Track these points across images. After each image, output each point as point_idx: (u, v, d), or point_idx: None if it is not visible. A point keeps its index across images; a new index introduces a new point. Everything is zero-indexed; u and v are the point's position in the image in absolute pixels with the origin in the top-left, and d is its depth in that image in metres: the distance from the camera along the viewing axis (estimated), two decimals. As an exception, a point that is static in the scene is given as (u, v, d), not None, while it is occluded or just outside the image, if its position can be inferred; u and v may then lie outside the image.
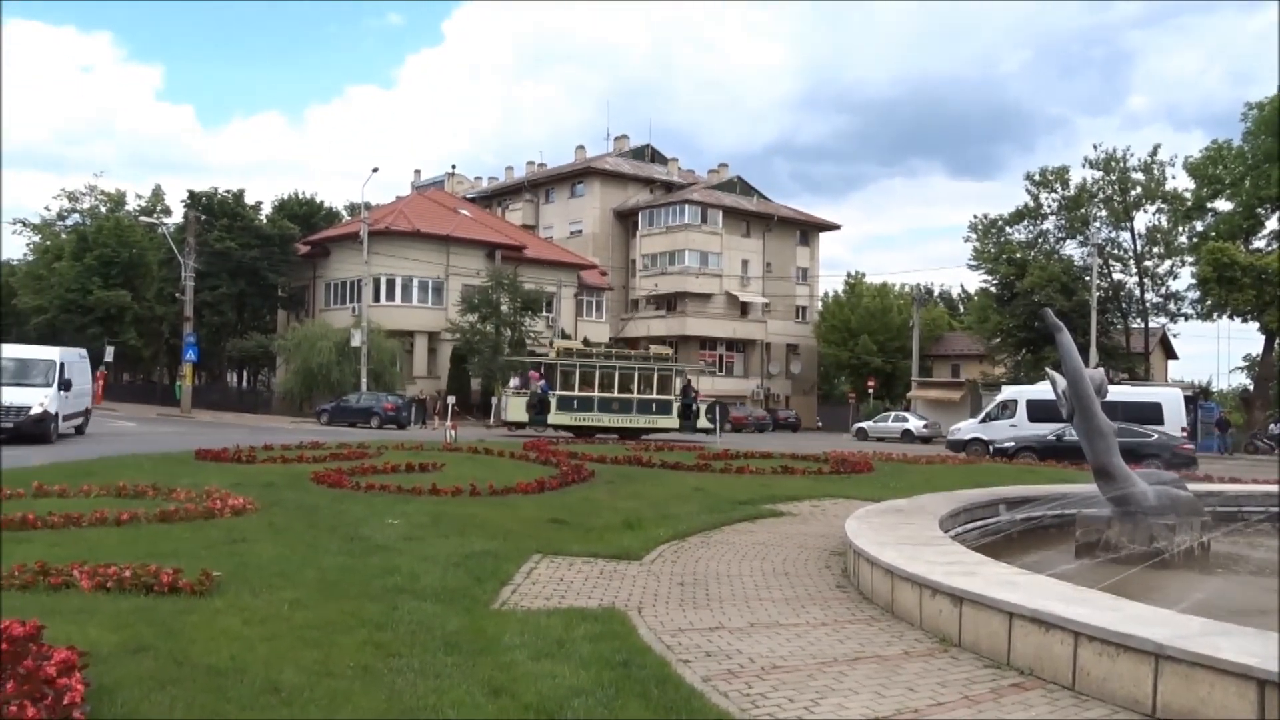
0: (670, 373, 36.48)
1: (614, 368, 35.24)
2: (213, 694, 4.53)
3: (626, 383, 35.17)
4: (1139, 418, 27.75)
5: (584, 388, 34.31)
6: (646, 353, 38.56)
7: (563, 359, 34.68)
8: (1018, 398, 30.19)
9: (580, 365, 34.58)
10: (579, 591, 7.45)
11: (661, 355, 38.31)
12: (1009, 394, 31.45)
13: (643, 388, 35.50)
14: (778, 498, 13.78)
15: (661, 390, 35.78)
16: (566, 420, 33.78)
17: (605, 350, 38.30)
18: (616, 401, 34.71)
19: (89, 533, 8.88)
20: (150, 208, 64.52)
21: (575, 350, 36.61)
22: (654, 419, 35.08)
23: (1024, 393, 30.66)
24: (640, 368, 35.70)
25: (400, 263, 47.69)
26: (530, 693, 4.78)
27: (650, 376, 35.70)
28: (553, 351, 36.09)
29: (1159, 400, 28.56)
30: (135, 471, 13.66)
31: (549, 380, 34.08)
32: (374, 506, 11.17)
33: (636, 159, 70.35)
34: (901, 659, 5.74)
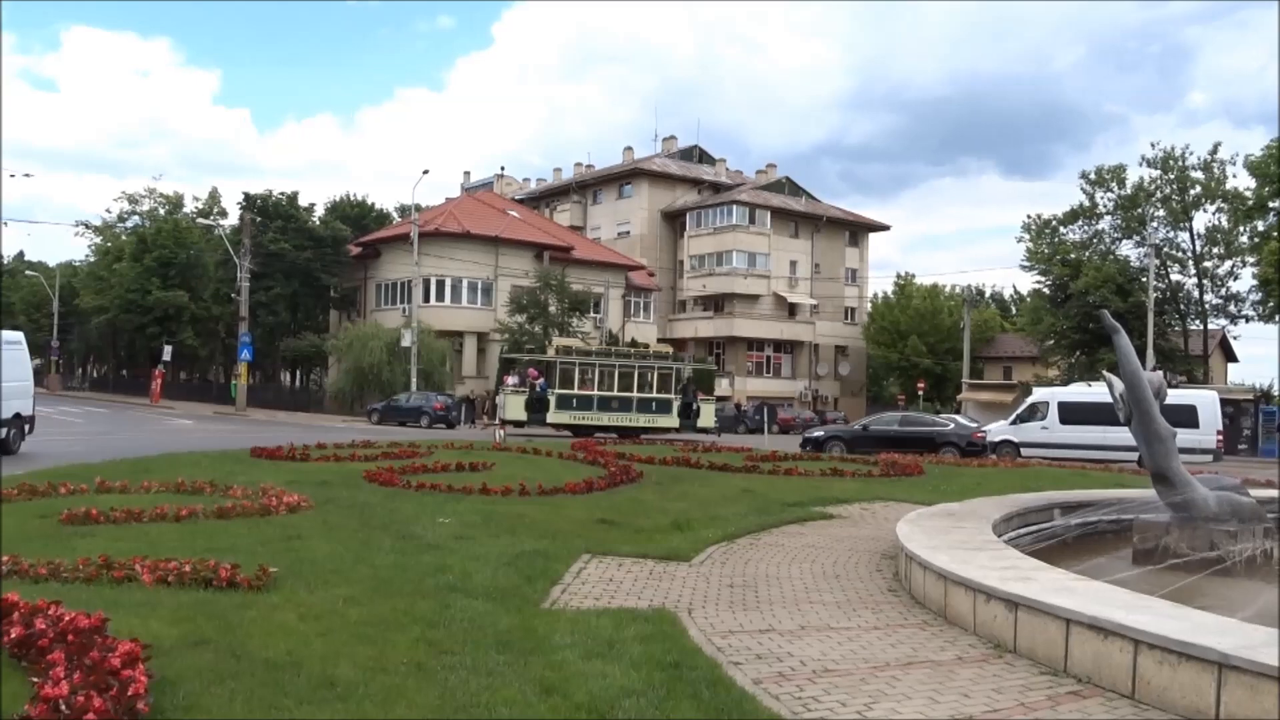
0: (670, 371, 36.16)
1: (613, 366, 34.87)
2: (271, 688, 4.61)
3: (626, 381, 34.79)
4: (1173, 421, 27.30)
5: (583, 386, 33.97)
6: (646, 350, 38.11)
7: (561, 357, 34.36)
8: (1049, 400, 29.70)
9: (579, 363, 34.27)
10: (628, 592, 7.46)
11: (661, 353, 37.88)
12: (1040, 396, 30.85)
13: (642, 386, 35.12)
14: (827, 500, 13.68)
15: (662, 389, 35.43)
16: (566, 419, 33.47)
17: (605, 348, 37.93)
18: (616, 400, 34.37)
19: (150, 528, 9.08)
20: (207, 210, 65.77)
21: (574, 348, 36.20)
22: (654, 418, 34.68)
23: (1055, 394, 30.26)
24: (640, 366, 35.31)
25: (450, 264, 48.11)
26: (581, 692, 4.79)
27: (650, 375, 35.35)
28: (551, 350, 35.77)
29: (1194, 403, 27.93)
30: (194, 468, 13.92)
31: (548, 379, 33.71)
32: (425, 505, 11.27)
33: (684, 160, 70.28)
34: (955, 664, 5.67)
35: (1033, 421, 29.13)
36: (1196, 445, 27.77)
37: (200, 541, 8.31)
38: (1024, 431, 28.99)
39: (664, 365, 36.11)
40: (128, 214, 69.58)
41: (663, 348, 40.20)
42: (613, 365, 34.91)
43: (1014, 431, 29.36)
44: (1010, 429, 29.75)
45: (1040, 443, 28.17)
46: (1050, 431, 28.33)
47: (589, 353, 35.88)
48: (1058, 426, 28.30)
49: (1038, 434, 28.48)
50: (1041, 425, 28.77)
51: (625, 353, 37.00)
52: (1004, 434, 29.67)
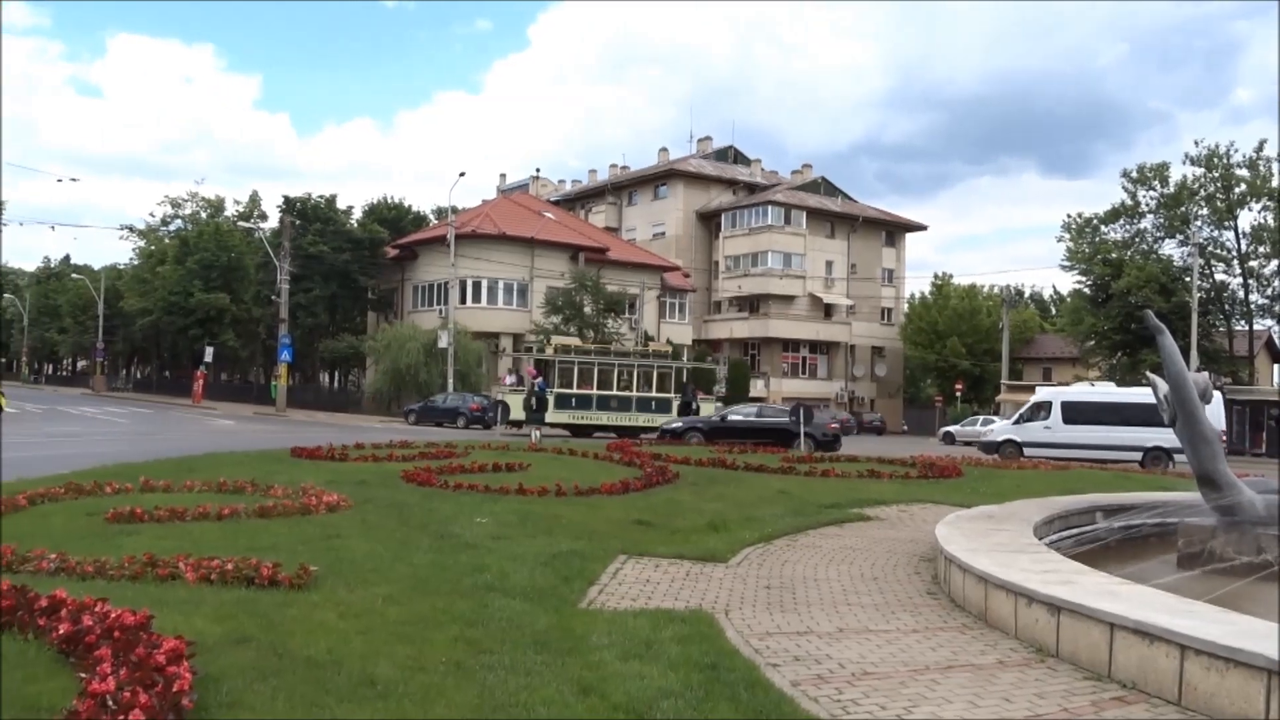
0: (670, 370, 35.89)
1: (613, 365, 34.69)
2: (312, 685, 4.65)
3: (625, 380, 34.60)
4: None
5: (582, 385, 33.82)
6: (645, 349, 37.85)
7: (560, 356, 34.16)
8: (1053, 399, 29.77)
9: (579, 362, 34.08)
10: (665, 593, 7.45)
11: (661, 352, 37.62)
12: (1043, 395, 30.94)
13: (642, 385, 34.90)
14: (864, 502, 13.58)
15: (661, 388, 35.20)
16: (565, 418, 33.27)
17: (603, 347, 37.72)
18: (615, 399, 34.22)
19: (193, 526, 9.20)
20: (247, 213, 66.64)
21: (573, 347, 36.00)
22: (653, 417, 34.30)
23: (1059, 394, 30.35)
24: (640, 364, 35.11)
25: (486, 265, 48.36)
26: (619, 693, 4.79)
27: (650, 373, 35.10)
28: (550, 348, 35.57)
29: None
30: (235, 468, 14.10)
31: (547, 377, 33.38)
32: (462, 505, 11.33)
33: (719, 160, 70.15)
34: (996, 668, 5.61)
35: (1036, 421, 29.14)
36: None
37: (242, 540, 8.42)
38: (1027, 431, 29.02)
39: (663, 364, 35.88)
40: (171, 218, 70.81)
41: (662, 346, 39.85)
42: (612, 364, 34.73)
43: (1017, 431, 29.38)
44: (1013, 429, 29.78)
45: (1043, 442, 28.16)
46: (1053, 431, 28.39)
47: (588, 351, 35.67)
48: (1061, 426, 28.35)
49: (1041, 434, 28.52)
50: (1045, 425, 28.80)
51: (624, 351, 36.85)
52: (1007, 433, 29.73)
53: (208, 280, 57.85)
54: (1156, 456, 27.01)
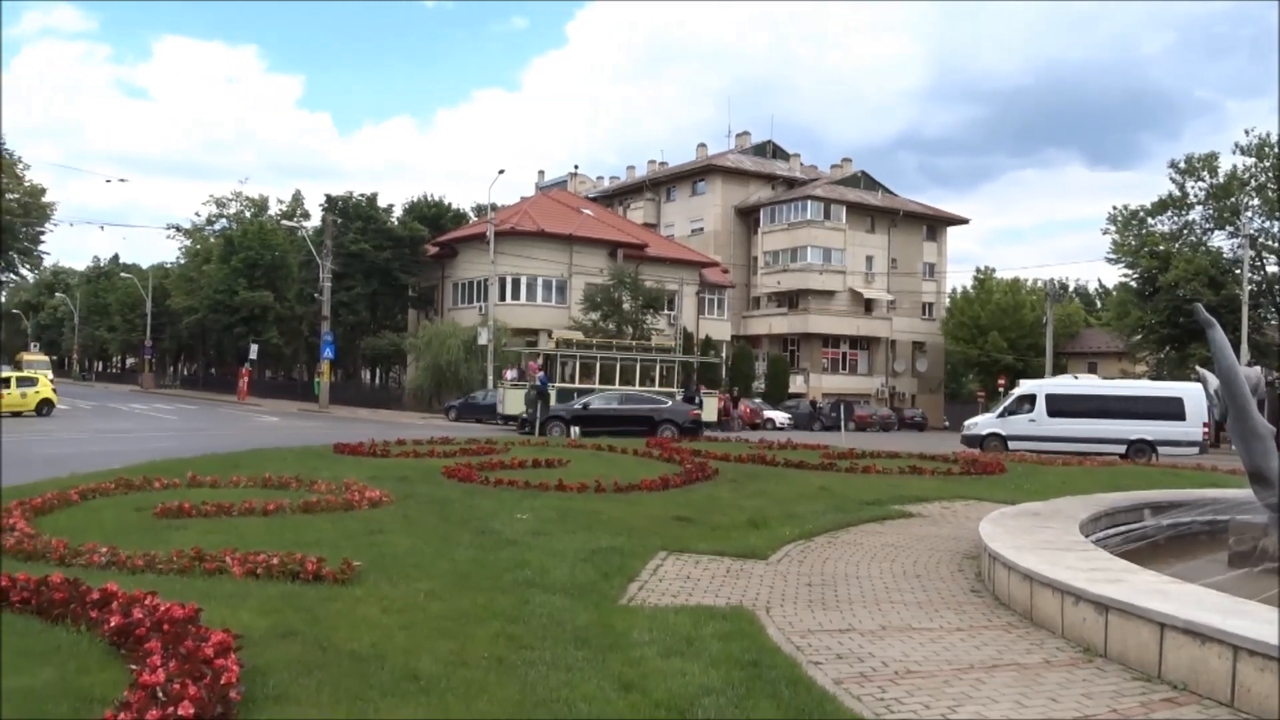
0: (673, 364, 35.52)
1: (615, 359, 34.42)
2: (356, 679, 4.70)
3: (628, 375, 34.31)
4: (1160, 413, 27.79)
5: (584, 380, 33.57)
6: (649, 343, 37.50)
7: (562, 350, 33.91)
8: (1037, 391, 29.60)
9: (581, 357, 33.84)
10: (706, 589, 7.44)
11: (664, 346, 37.26)
12: (1028, 388, 30.65)
13: (645, 380, 34.59)
14: (906, 498, 13.47)
15: (665, 383, 34.88)
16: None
17: (606, 341, 37.39)
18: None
19: (239, 521, 9.34)
20: (290, 212, 67.48)
21: (575, 341, 35.73)
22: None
23: (1043, 386, 30.28)
24: (643, 359, 34.81)
25: (525, 262, 48.53)
26: (660, 689, 4.79)
27: (652, 368, 34.78)
28: (552, 342, 35.36)
29: (1180, 395, 28.39)
30: (280, 464, 14.28)
31: (549, 372, 33.19)
32: (503, 501, 11.40)
33: (758, 155, 69.83)
34: (1042, 668, 5.53)
35: (1021, 414, 28.95)
36: (1183, 437, 27.94)
37: (287, 535, 8.53)
38: (1012, 424, 28.84)
39: (666, 358, 35.60)
40: (216, 217, 71.96)
41: (665, 340, 39.51)
42: (614, 359, 34.50)
43: (1002, 424, 29.18)
44: (998, 421, 29.55)
45: (1028, 435, 28.01)
46: (1038, 424, 28.28)
47: (590, 346, 35.44)
48: (1045, 419, 28.23)
49: (1026, 426, 28.40)
50: (1029, 418, 28.66)
51: (627, 346, 36.47)
52: (992, 426, 29.48)
53: (252, 279, 58.64)
54: (1141, 449, 27.13)
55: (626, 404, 28.02)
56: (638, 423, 25.73)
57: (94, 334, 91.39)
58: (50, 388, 36.53)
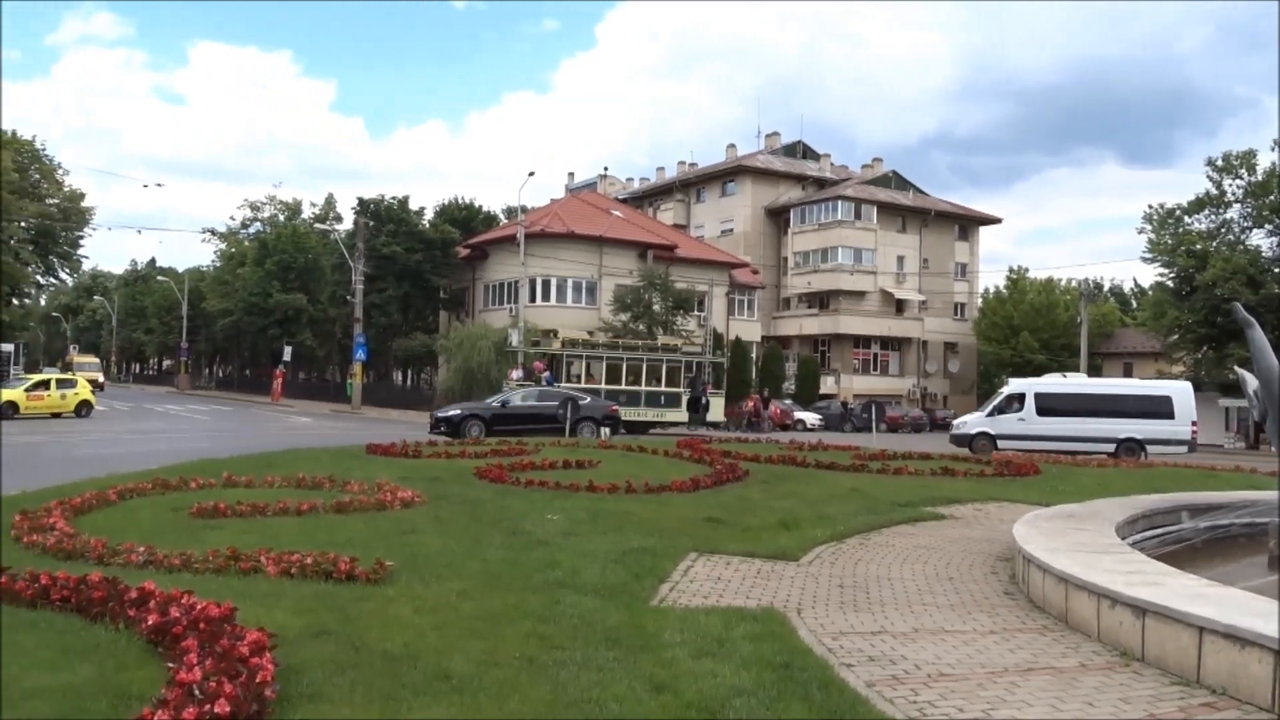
0: (679, 364, 35.25)
1: (621, 359, 34.17)
2: (389, 679, 4.74)
3: (634, 374, 34.06)
4: (1149, 412, 27.76)
5: (590, 380, 33.37)
6: (654, 343, 37.23)
7: (568, 350, 33.68)
8: (1026, 390, 29.44)
9: (586, 356, 33.65)
10: (736, 591, 7.42)
11: (670, 345, 37.00)
12: (1016, 386, 30.48)
13: (650, 380, 34.33)
14: (938, 500, 13.35)
15: (670, 382, 34.61)
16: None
17: (611, 340, 37.17)
18: (624, 394, 33.58)
19: (273, 521, 9.44)
20: (323, 215, 68.07)
21: (581, 341, 35.53)
22: (662, 412, 33.87)
23: (1032, 385, 30.12)
24: (649, 359, 34.54)
25: (555, 264, 48.65)
26: (691, 690, 4.79)
27: (659, 368, 34.53)
28: (557, 342, 35.10)
29: (1169, 394, 28.52)
30: (313, 464, 14.41)
31: (554, 372, 33.05)
32: (534, 502, 11.43)
33: (788, 156, 69.59)
34: (1078, 672, 5.47)
35: (1010, 413, 28.78)
36: (1172, 436, 27.82)
37: (320, 535, 8.61)
38: (1001, 423, 28.67)
39: (673, 358, 35.36)
40: (250, 220, 72.79)
41: (671, 339, 39.26)
42: (620, 358, 34.28)
43: (991, 423, 28.99)
44: (987, 420, 29.36)
45: (1017, 434, 27.80)
46: (1027, 423, 28.12)
47: (595, 345, 35.27)
48: (1034, 418, 28.09)
49: (1014, 425, 28.23)
50: (1018, 417, 28.48)
51: (633, 345, 36.23)
52: (981, 425, 29.24)
53: (286, 281, 59.25)
54: (1130, 448, 27.04)
55: (545, 400, 26.77)
56: (556, 420, 24.89)
57: (131, 336, 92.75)
58: (89, 389, 37.13)
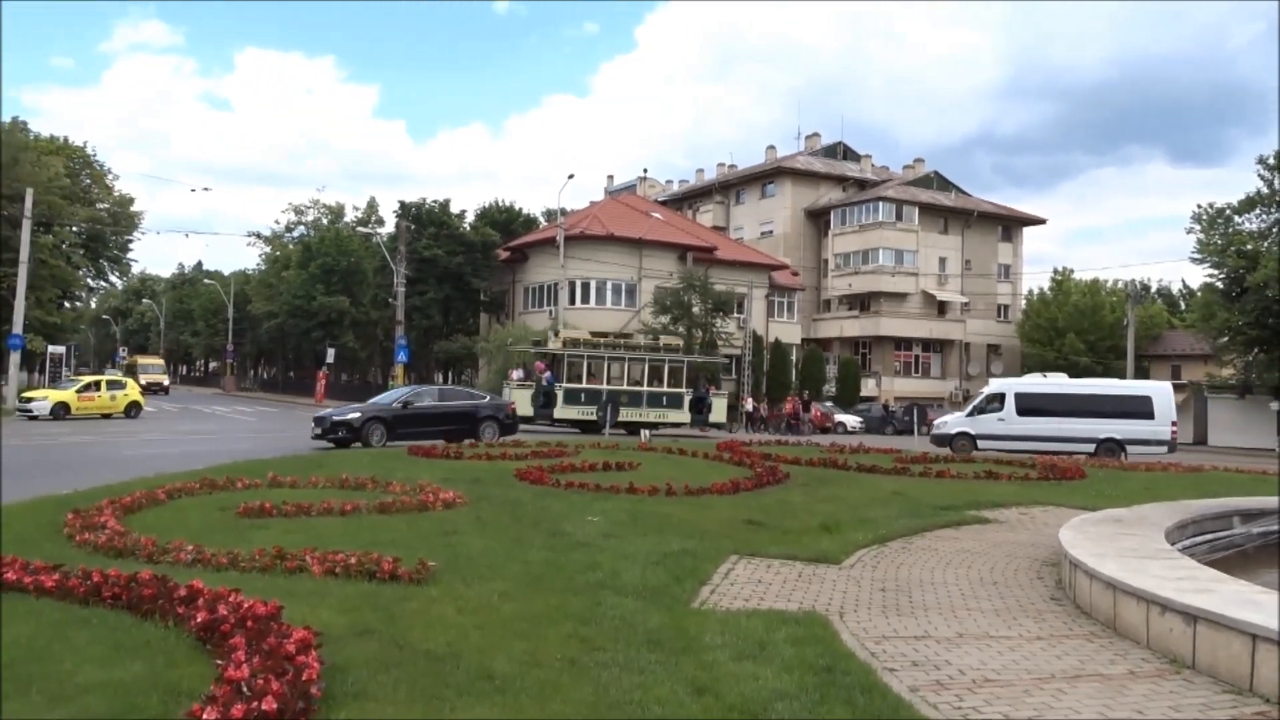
0: (681, 364, 34.94)
1: (623, 359, 33.90)
2: (432, 678, 4.77)
3: (636, 375, 33.77)
4: (1128, 412, 27.74)
5: (591, 380, 33.08)
6: (656, 343, 36.81)
7: (569, 350, 33.43)
8: (1006, 390, 29.40)
9: (588, 356, 33.36)
10: (778, 594, 7.39)
11: (672, 346, 36.62)
12: (997, 386, 30.51)
13: (653, 380, 34.01)
14: (982, 504, 13.22)
15: (673, 383, 34.31)
16: (574, 414, 32.43)
17: (614, 341, 36.78)
18: (626, 395, 33.27)
19: (317, 521, 9.56)
20: (366, 219, 68.79)
21: (583, 341, 35.18)
22: (665, 413, 33.48)
23: (1012, 385, 30.27)
24: (651, 359, 34.26)
25: (594, 266, 48.76)
26: (733, 693, 4.77)
27: (661, 368, 34.24)
28: (558, 342, 34.80)
29: (1149, 394, 28.56)
30: (356, 465, 14.58)
31: (555, 372, 32.75)
32: (574, 503, 11.47)
33: (828, 157, 69.19)
34: (1127, 679, 5.38)
35: (990, 413, 28.65)
36: (1152, 436, 27.65)
37: (364, 535, 8.70)
38: (981, 423, 28.55)
39: (675, 358, 35.07)
40: (294, 224, 73.73)
41: (672, 340, 38.93)
42: (622, 358, 34.03)
43: (971, 423, 28.86)
44: (968, 420, 29.22)
45: (998, 434, 27.72)
46: (1007, 423, 28.06)
47: (597, 345, 34.98)
48: (1015, 418, 28.03)
49: (995, 425, 28.16)
50: (999, 417, 28.38)
51: (635, 345, 35.89)
52: (961, 425, 29.10)
53: (329, 284, 59.92)
54: (1110, 448, 26.96)
55: (445, 400, 25.05)
56: (460, 420, 23.71)
57: (178, 338, 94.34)
58: (138, 391, 37.81)
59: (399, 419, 22.70)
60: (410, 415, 23.02)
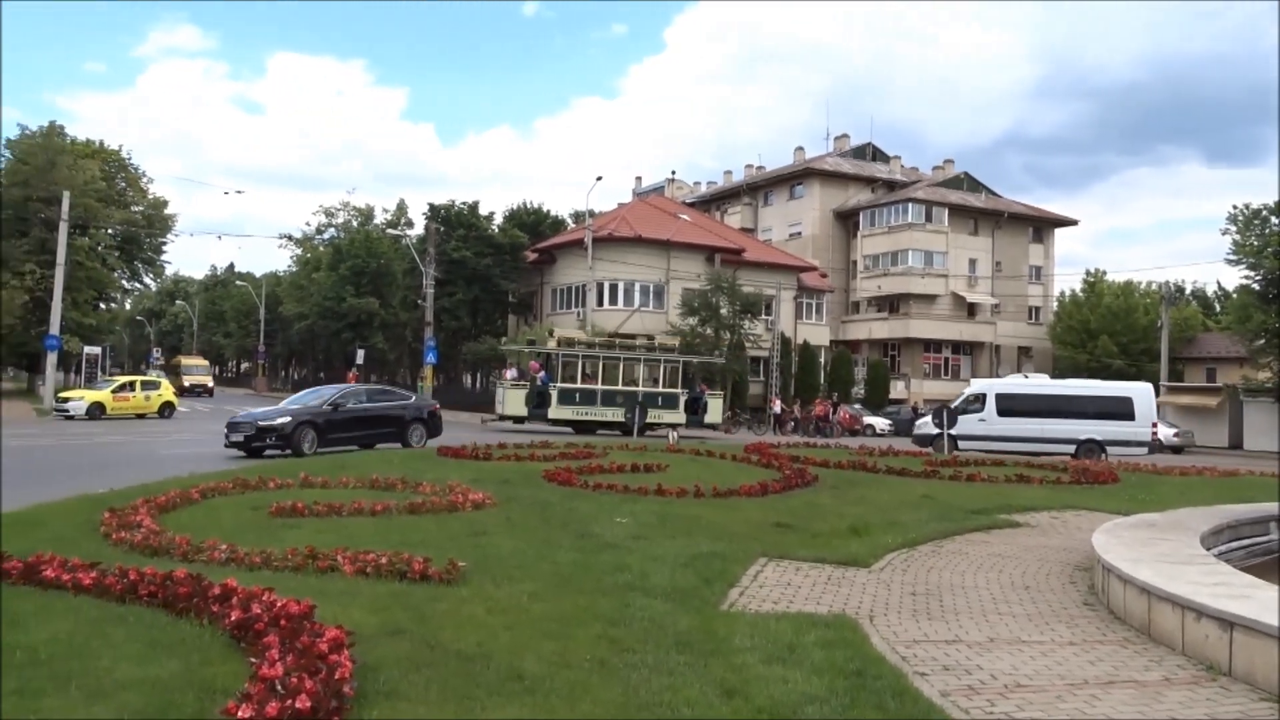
0: (677, 364, 34.71)
1: (618, 359, 33.71)
2: (463, 678, 4.80)
3: (631, 374, 33.59)
4: (1109, 413, 27.78)
5: (586, 380, 32.83)
6: (651, 343, 36.54)
7: (563, 349, 33.23)
8: (987, 391, 29.54)
9: (583, 356, 33.17)
10: (807, 597, 7.36)
11: (667, 345, 36.36)
12: (977, 387, 30.78)
13: (648, 380, 33.84)
14: (1013, 507, 13.11)
15: (668, 383, 34.11)
16: (568, 414, 32.24)
17: (608, 340, 36.58)
18: (620, 395, 33.03)
19: (348, 521, 9.63)
20: (395, 221, 69.27)
21: (577, 340, 35.02)
22: (659, 414, 33.18)
23: (993, 386, 30.52)
24: (646, 359, 34.09)
25: (622, 268, 48.83)
26: (763, 696, 4.77)
27: (656, 368, 34.06)
28: (552, 341, 34.52)
29: (1130, 395, 28.61)
30: (386, 466, 14.67)
31: (549, 372, 32.56)
32: (602, 505, 11.48)
33: (857, 158, 68.90)
34: (1162, 686, 5.32)
35: (970, 413, 28.56)
36: (1132, 437, 27.71)
37: (394, 535, 8.76)
38: (962, 424, 28.22)
39: (670, 358, 34.87)
40: (324, 226, 74.43)
41: (667, 339, 38.72)
42: (617, 358, 33.85)
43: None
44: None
45: (978, 435, 27.71)
46: (988, 423, 28.17)
47: (592, 344, 34.81)
48: (995, 419, 28.13)
49: (975, 426, 28.14)
50: (979, 417, 28.41)
51: (630, 345, 35.65)
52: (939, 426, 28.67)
53: (358, 286, 60.39)
54: (1090, 449, 26.96)
55: (375, 401, 22.82)
56: (390, 424, 21.97)
57: (211, 339, 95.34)
58: (172, 391, 38.30)
59: (331, 423, 20.56)
60: (341, 419, 20.88)
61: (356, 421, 21.21)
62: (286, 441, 19.55)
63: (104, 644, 5.12)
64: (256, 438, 19.58)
